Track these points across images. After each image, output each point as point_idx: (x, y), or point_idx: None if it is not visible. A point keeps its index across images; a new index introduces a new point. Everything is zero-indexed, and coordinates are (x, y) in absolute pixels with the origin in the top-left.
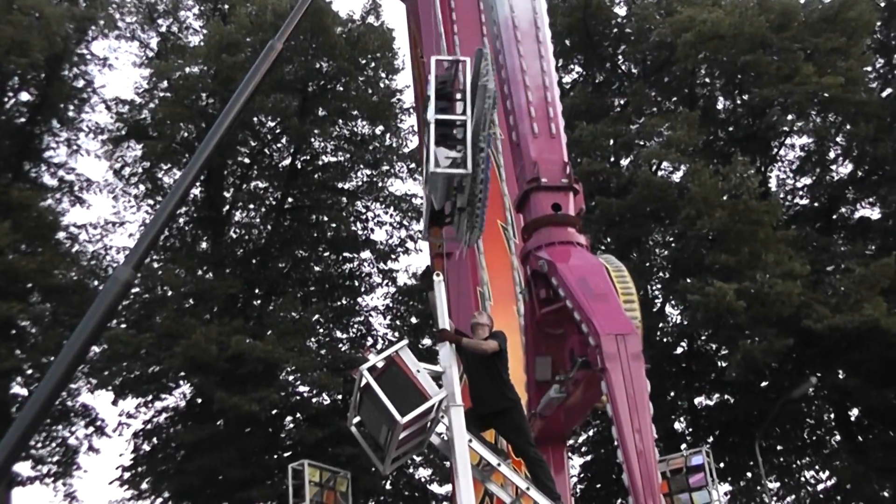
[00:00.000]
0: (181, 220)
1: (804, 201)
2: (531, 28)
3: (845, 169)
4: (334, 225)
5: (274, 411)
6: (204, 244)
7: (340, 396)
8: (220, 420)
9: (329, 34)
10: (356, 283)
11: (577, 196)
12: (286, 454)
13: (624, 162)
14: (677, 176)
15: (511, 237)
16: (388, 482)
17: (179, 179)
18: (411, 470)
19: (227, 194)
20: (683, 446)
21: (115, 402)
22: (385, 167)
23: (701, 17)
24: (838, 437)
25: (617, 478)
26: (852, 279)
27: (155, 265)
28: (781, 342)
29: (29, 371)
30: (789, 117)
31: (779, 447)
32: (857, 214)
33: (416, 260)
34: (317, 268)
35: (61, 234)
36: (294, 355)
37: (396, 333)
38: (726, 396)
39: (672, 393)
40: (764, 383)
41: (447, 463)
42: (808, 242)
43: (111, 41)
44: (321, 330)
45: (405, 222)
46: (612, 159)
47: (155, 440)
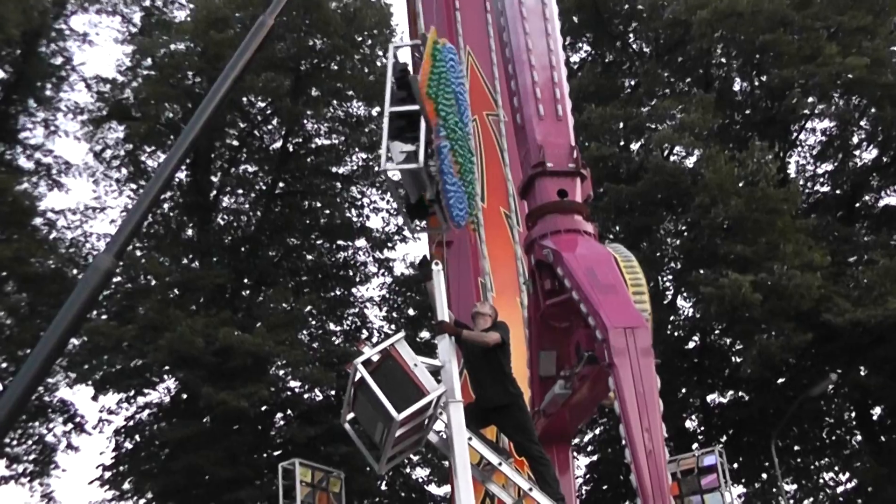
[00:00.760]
0: (166, 206)
1: (825, 188)
2: (537, 4)
3: (869, 155)
4: (328, 211)
5: (264, 408)
6: (190, 231)
7: (334, 392)
8: (207, 417)
9: (323, 10)
10: (351, 273)
11: (585, 182)
12: (276, 453)
13: (634, 146)
14: (691, 161)
15: (514, 225)
16: (384, 482)
17: (164, 163)
18: (408, 470)
19: (215, 179)
20: (695, 446)
21: (96, 398)
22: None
23: None
24: (859, 437)
25: (625, 479)
26: (876, 271)
27: (138, 253)
28: (800, 337)
29: (3, 364)
30: (810, 100)
31: (796, 447)
32: (882, 203)
33: (414, 248)
34: (309, 256)
35: (38, 220)
36: (285, 349)
37: (393, 326)
38: (741, 394)
39: (683, 390)
40: (781, 380)
41: (446, 462)
42: (830, 232)
43: (91, 16)
44: (314, 322)
45: (398, 203)
46: (622, 143)
47: (137, 438)
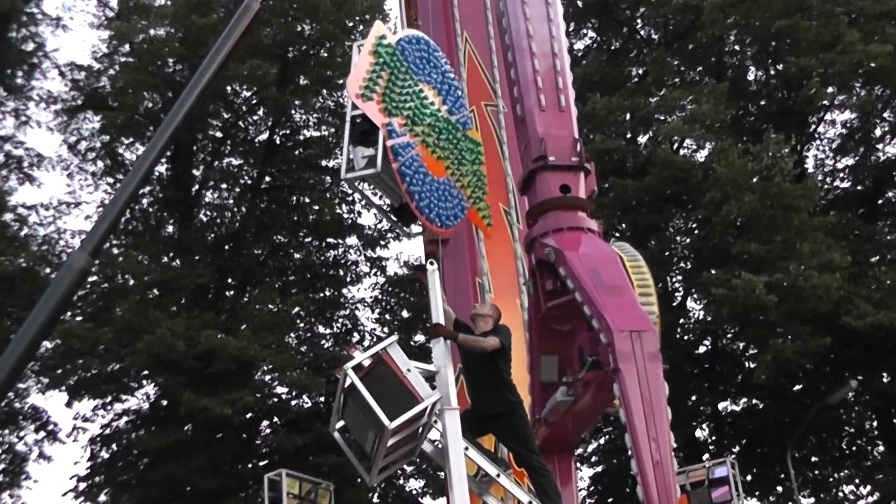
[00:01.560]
0: (144, 201)
1: (845, 184)
2: None
3: (893, 148)
4: (317, 207)
5: (248, 415)
6: (170, 228)
7: (323, 399)
8: (188, 424)
9: None
10: (341, 273)
11: (589, 177)
12: (262, 463)
13: (642, 139)
14: (702, 155)
15: (514, 222)
16: (376, 494)
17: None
18: (401, 481)
19: (197, 172)
20: (706, 457)
21: (70, 404)
22: None
23: None
24: (881, 448)
25: (631, 491)
26: None
27: (115, 251)
28: (818, 341)
29: None
30: (830, 90)
31: (814, 458)
32: None
33: (408, 247)
34: (297, 255)
35: (8, 216)
36: (271, 353)
37: (385, 328)
38: (755, 401)
39: (693, 397)
40: (797, 387)
41: (441, 474)
42: (850, 230)
43: None
44: (302, 324)
45: (385, 208)
46: (629, 136)
47: (114, 446)
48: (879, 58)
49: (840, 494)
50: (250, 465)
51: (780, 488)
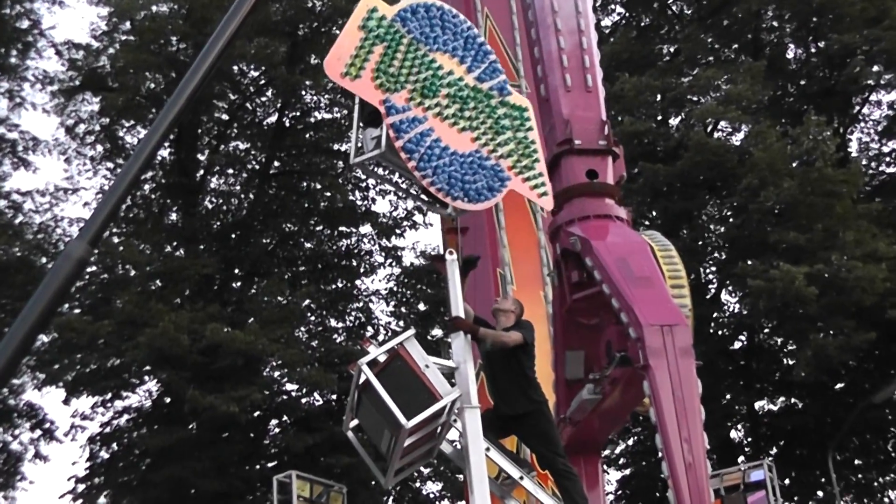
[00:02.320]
0: (146, 188)
1: (891, 169)
2: None
3: None
4: (328, 194)
5: (256, 413)
6: (173, 216)
7: (335, 396)
8: (193, 423)
9: None
10: (354, 263)
11: (617, 161)
12: (270, 464)
13: (673, 121)
14: (737, 138)
15: (537, 210)
16: (391, 498)
17: (144, 139)
18: (418, 484)
19: (202, 157)
20: (741, 459)
21: (67, 401)
22: None
23: None
24: None
25: (661, 495)
26: None
27: (115, 240)
28: (861, 336)
29: None
30: (875, 69)
31: (857, 461)
32: None
33: (426, 235)
34: (307, 244)
35: (2, 203)
36: (280, 347)
37: (401, 322)
38: (793, 400)
39: (728, 395)
40: (839, 385)
41: (460, 476)
42: None
43: None
44: (312, 318)
45: (413, 191)
46: (660, 118)
47: (115, 446)
48: None
49: (885, 500)
50: (258, 467)
51: (821, 493)
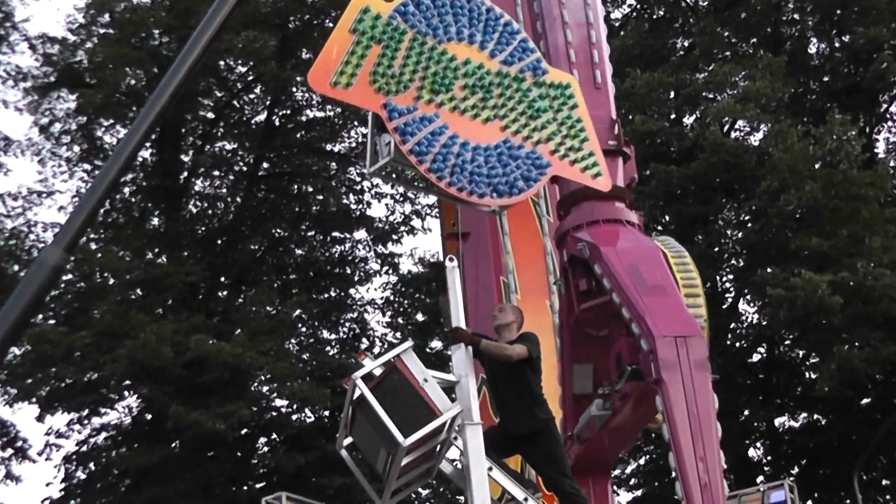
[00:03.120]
0: (126, 190)
1: None
2: None
3: None
4: (321, 197)
5: (244, 430)
6: (155, 220)
7: (327, 413)
8: (176, 441)
9: None
10: (348, 271)
11: (628, 162)
12: (259, 485)
13: (688, 120)
14: (756, 138)
15: (543, 214)
16: None
17: (124, 139)
18: None
19: (186, 158)
20: (760, 479)
21: (41, 418)
22: None
23: None
24: None
25: None
26: None
27: (93, 246)
28: (889, 349)
29: None
30: None
31: (884, 481)
32: None
33: (424, 241)
34: (298, 251)
35: None
36: (269, 360)
37: (398, 333)
38: (816, 416)
39: (746, 411)
40: (865, 400)
41: (461, 497)
42: None
43: None
44: (304, 329)
45: (411, 194)
46: (674, 116)
47: (92, 466)
48: None
49: None
50: (246, 488)
51: None
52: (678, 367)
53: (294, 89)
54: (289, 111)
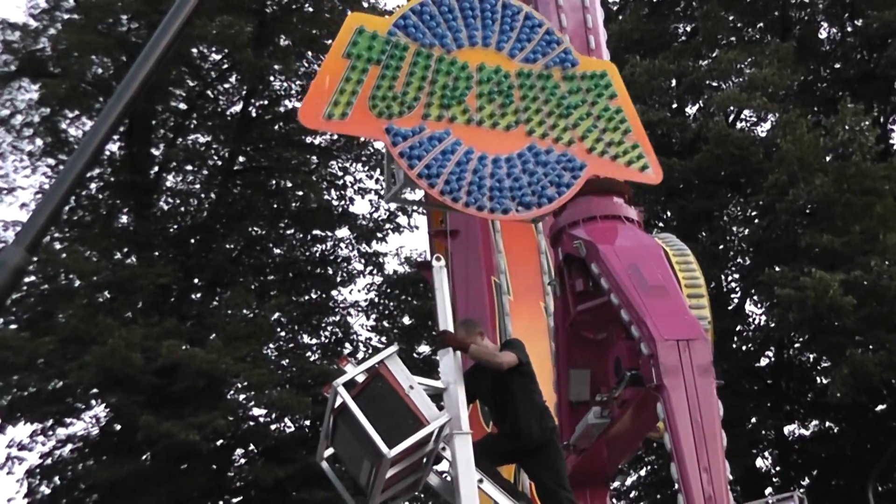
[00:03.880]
0: (93, 186)
1: None
2: None
3: None
4: (301, 193)
5: (219, 442)
6: (124, 218)
7: (308, 422)
8: (147, 453)
9: None
10: (330, 271)
11: None
12: (235, 499)
13: (691, 110)
14: (763, 129)
15: None
16: None
17: (90, 131)
18: None
19: (157, 152)
20: (769, 490)
21: (2, 430)
22: None
23: None
24: None
25: None
26: None
27: (57, 246)
28: None
29: None
30: None
31: None
32: None
33: (410, 240)
34: (277, 250)
35: None
36: (246, 367)
37: (383, 338)
38: (828, 424)
39: (754, 419)
40: (880, 407)
41: None
42: None
43: None
44: (283, 333)
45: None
46: (676, 106)
47: (57, 480)
48: None
49: None
50: (221, 503)
51: None
52: (681, 373)
53: (272, 78)
54: (266, 101)
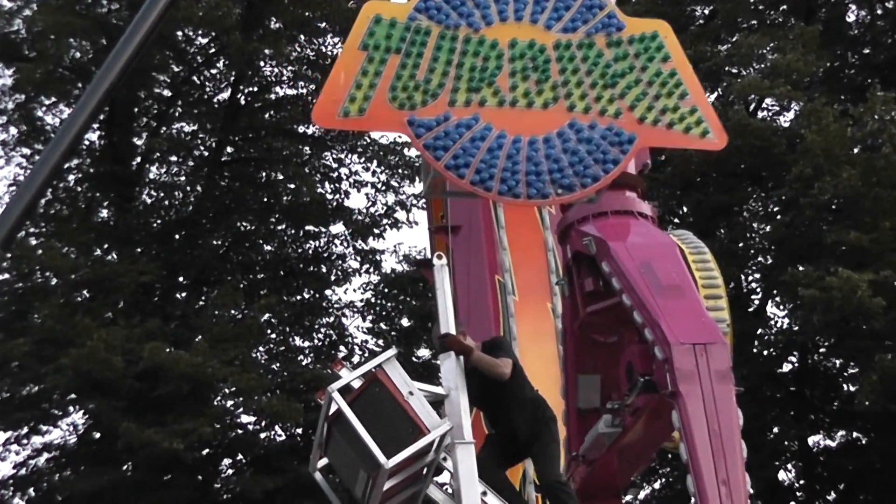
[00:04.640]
0: (71, 178)
1: None
2: None
3: None
4: (292, 186)
5: (205, 451)
6: (104, 212)
7: (300, 430)
8: (128, 463)
9: None
10: (323, 269)
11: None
12: None
13: (709, 98)
14: (787, 118)
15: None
16: None
17: (68, 119)
18: None
19: (139, 141)
20: None
21: None
22: None
23: None
24: None
25: None
26: None
27: (32, 241)
28: None
29: None
30: None
31: None
32: None
33: (410, 236)
34: (267, 247)
35: None
36: (234, 371)
37: (380, 341)
38: (855, 434)
39: (776, 428)
40: None
41: None
42: None
43: None
44: (273, 335)
45: (394, 182)
46: None
47: (32, 491)
48: None
49: None
50: None
51: None
52: (697, 379)
53: (261, 63)
54: (256, 88)
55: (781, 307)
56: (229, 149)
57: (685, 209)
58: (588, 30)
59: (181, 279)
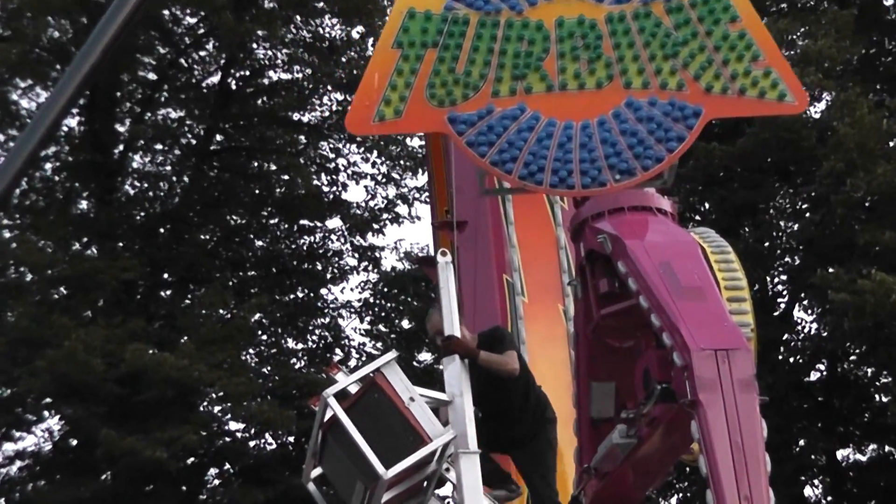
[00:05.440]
0: (48, 167)
1: None
2: None
3: None
4: (286, 177)
5: (191, 460)
6: (84, 204)
7: (293, 439)
8: (108, 472)
9: None
10: (319, 267)
11: None
12: None
13: None
14: (817, 109)
15: (556, 199)
16: None
17: (46, 104)
18: None
19: (122, 128)
20: None
21: None
22: None
23: None
24: None
25: None
26: None
27: (6, 234)
28: None
29: None
30: None
31: None
32: None
33: (411, 232)
34: (259, 242)
35: None
36: (222, 375)
37: (379, 343)
38: (887, 448)
39: (802, 441)
40: None
41: None
42: None
43: None
44: (264, 337)
45: (395, 174)
46: None
47: (3, 502)
48: None
49: None
50: None
51: None
52: (719, 387)
53: (254, 45)
54: (248, 72)
55: (810, 312)
56: (219, 137)
57: (707, 206)
58: None
59: (166, 276)
